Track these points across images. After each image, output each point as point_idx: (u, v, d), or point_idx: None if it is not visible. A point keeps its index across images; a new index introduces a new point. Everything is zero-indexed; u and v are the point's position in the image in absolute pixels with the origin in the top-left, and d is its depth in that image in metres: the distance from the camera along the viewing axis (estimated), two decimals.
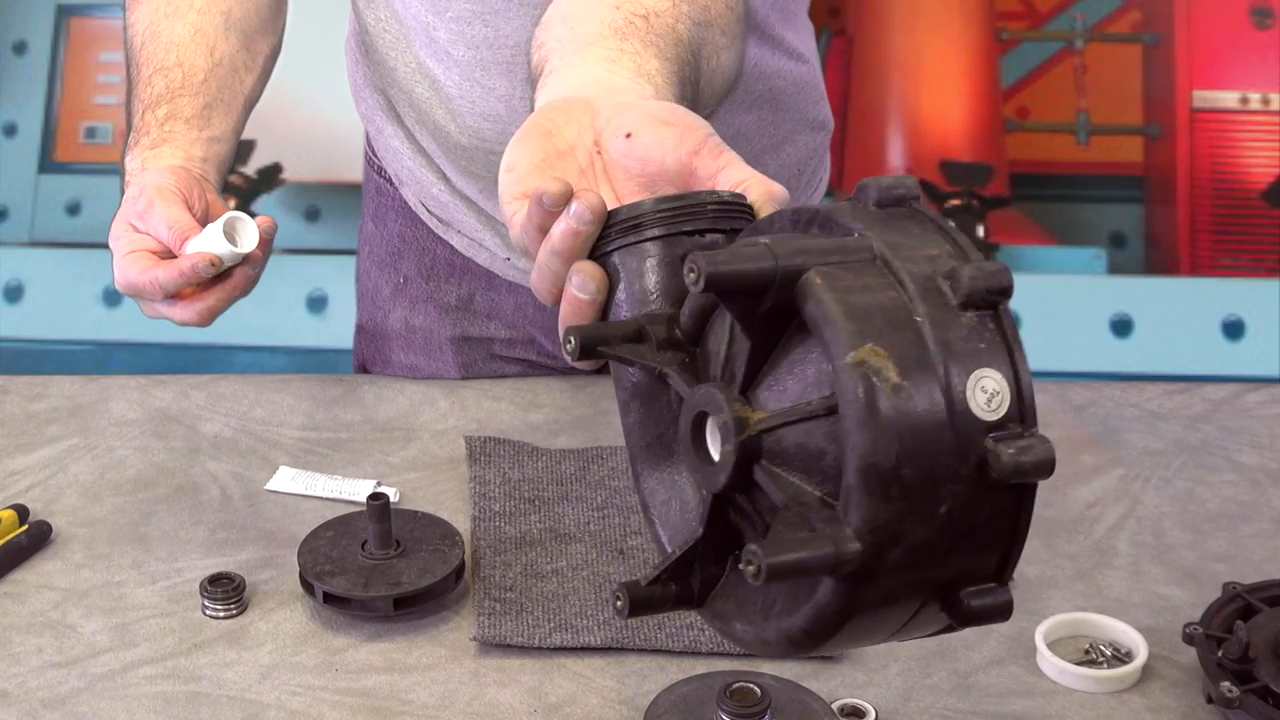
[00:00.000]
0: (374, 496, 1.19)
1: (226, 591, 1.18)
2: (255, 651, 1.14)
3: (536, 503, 1.30)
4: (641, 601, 0.77)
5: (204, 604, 1.18)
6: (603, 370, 1.66)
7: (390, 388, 1.50)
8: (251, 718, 1.08)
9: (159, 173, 1.22)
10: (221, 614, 1.18)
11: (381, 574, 1.17)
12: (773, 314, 0.73)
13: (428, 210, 1.54)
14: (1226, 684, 1.04)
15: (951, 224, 0.75)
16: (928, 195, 3.30)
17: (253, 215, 1.18)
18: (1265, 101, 3.32)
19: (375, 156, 1.59)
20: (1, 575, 1.22)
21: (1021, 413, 0.71)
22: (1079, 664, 1.13)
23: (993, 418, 0.71)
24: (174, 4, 1.31)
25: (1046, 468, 0.70)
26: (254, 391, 1.48)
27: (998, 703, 1.10)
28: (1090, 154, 3.41)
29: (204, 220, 1.21)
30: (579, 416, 1.45)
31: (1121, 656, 1.14)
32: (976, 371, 0.71)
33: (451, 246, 1.54)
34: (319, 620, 1.18)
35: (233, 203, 3.25)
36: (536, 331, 1.57)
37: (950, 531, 0.71)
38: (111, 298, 3.21)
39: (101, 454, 1.38)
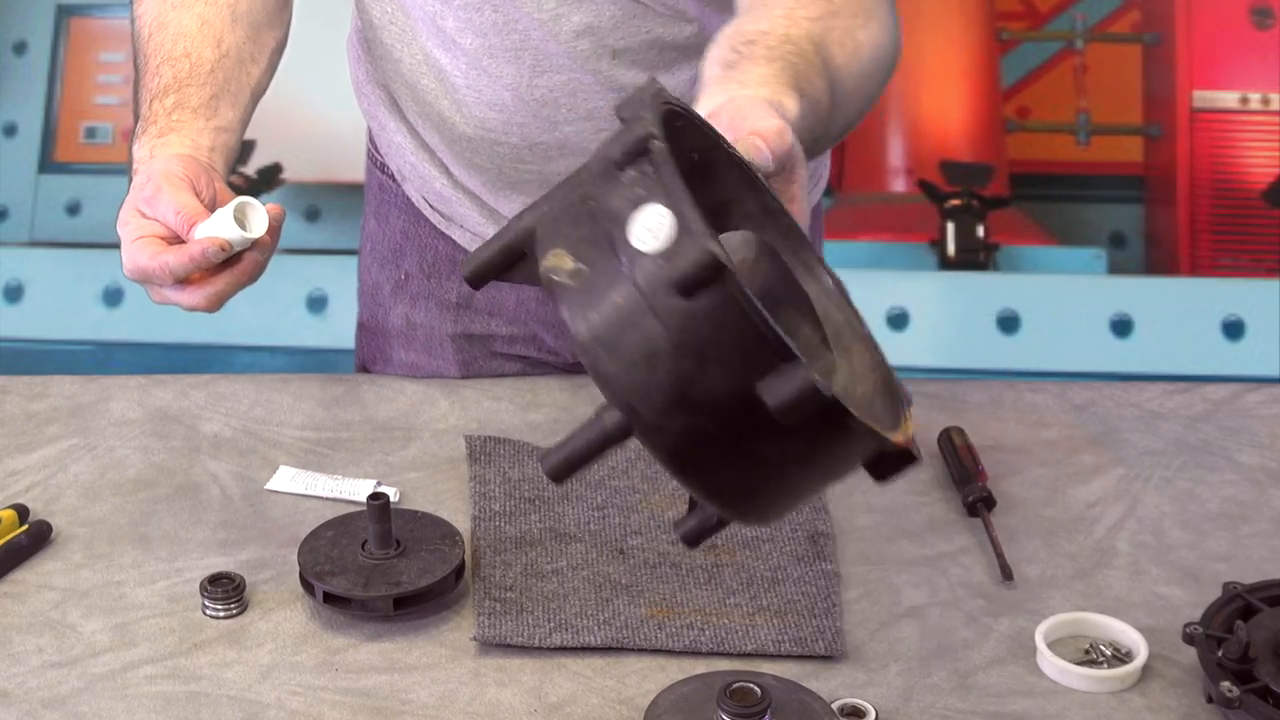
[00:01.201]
0: (374, 496, 1.19)
1: (226, 591, 1.18)
2: (255, 651, 1.14)
3: (536, 502, 1.30)
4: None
5: (204, 604, 1.18)
6: None
7: (390, 388, 1.50)
8: (251, 717, 1.08)
9: (166, 160, 1.22)
10: (221, 614, 1.18)
11: (381, 574, 1.17)
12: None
13: (430, 206, 1.54)
14: (1226, 684, 1.04)
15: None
16: (928, 195, 3.30)
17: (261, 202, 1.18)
18: (1265, 101, 3.32)
19: (378, 153, 1.59)
20: (1, 575, 1.22)
21: (688, 228, 0.77)
22: (1079, 664, 1.13)
23: (658, 245, 0.78)
24: None
25: (708, 263, 0.76)
26: (254, 391, 1.48)
27: (998, 703, 1.10)
28: (1090, 154, 3.41)
29: (212, 206, 1.21)
30: (579, 416, 1.43)
31: (1121, 656, 1.14)
32: (633, 215, 0.79)
33: (454, 242, 1.55)
34: (319, 620, 1.18)
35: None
36: (538, 326, 1.57)
37: (688, 353, 0.79)
38: (111, 298, 3.21)
39: (102, 454, 1.38)
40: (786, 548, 1.25)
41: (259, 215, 1.18)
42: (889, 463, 0.88)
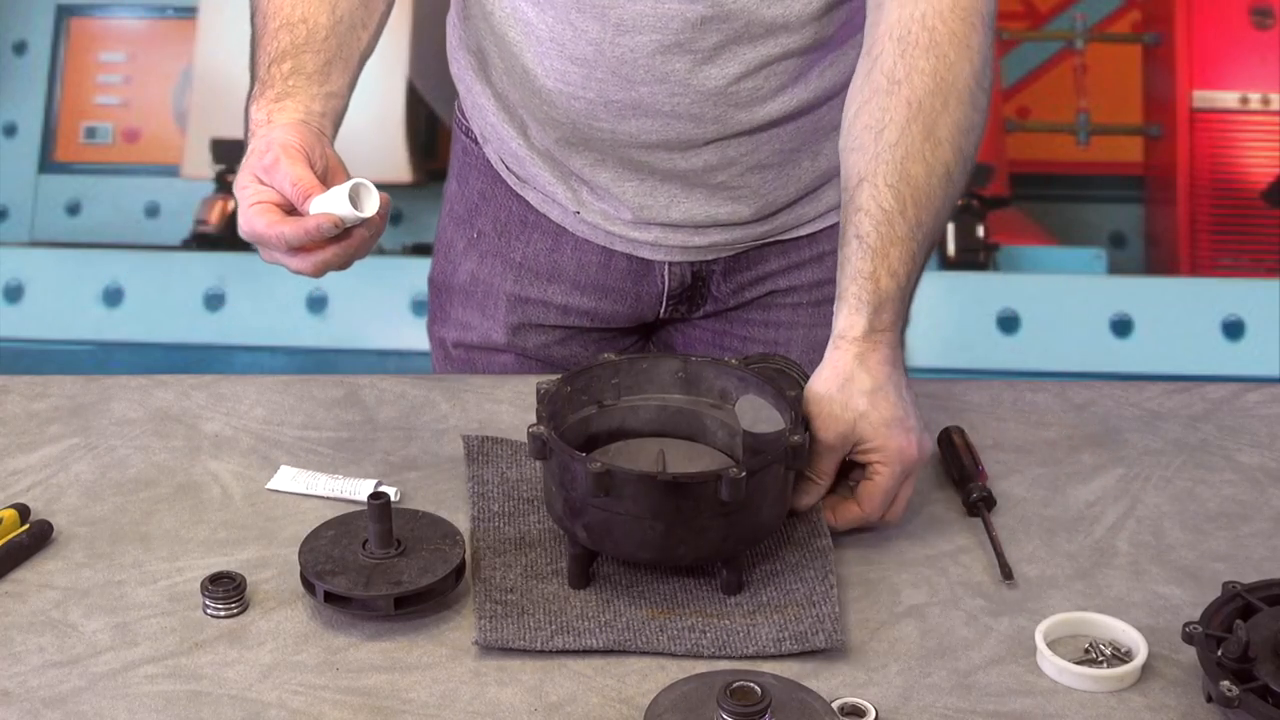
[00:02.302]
0: (374, 496, 1.19)
1: (227, 591, 1.18)
2: (256, 651, 1.15)
3: (535, 503, 1.30)
4: None
5: (205, 603, 1.18)
6: None
7: (391, 388, 1.50)
8: (252, 717, 1.08)
9: (285, 129, 1.29)
10: (222, 613, 1.18)
11: (382, 573, 1.17)
12: None
13: (507, 167, 1.60)
14: (1226, 683, 1.04)
15: None
16: None
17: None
18: (1265, 101, 3.33)
19: (463, 118, 1.65)
20: (3, 574, 1.22)
21: None
22: (1079, 663, 1.13)
23: None
24: None
25: None
26: (255, 391, 1.48)
27: (998, 702, 1.10)
28: (1090, 154, 3.42)
29: (324, 176, 1.27)
30: None
31: (1121, 656, 1.14)
32: None
33: (526, 202, 1.60)
34: (320, 619, 1.18)
35: (232, 203, 3.25)
36: (595, 292, 1.61)
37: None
38: (111, 298, 3.21)
39: (103, 453, 1.38)
40: (782, 532, 1.25)
41: (372, 197, 1.24)
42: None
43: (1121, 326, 3.11)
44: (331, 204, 1.23)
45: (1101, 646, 1.14)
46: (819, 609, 1.17)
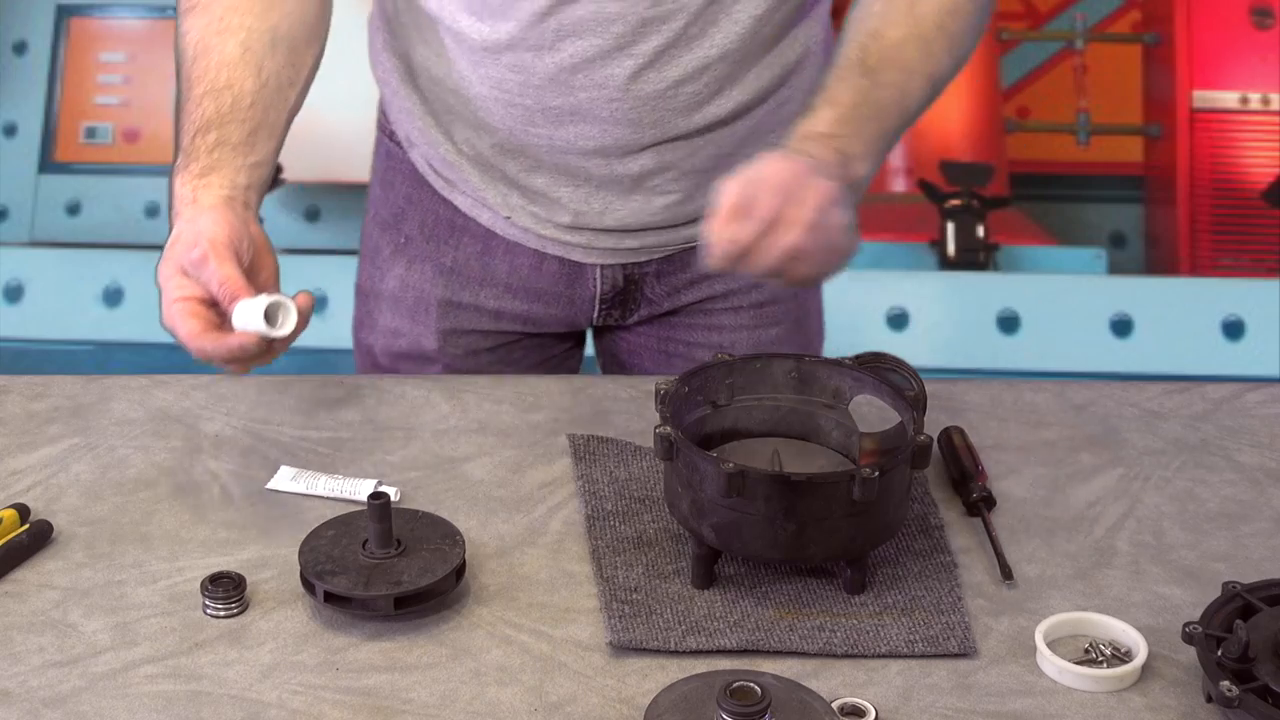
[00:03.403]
0: (375, 495, 1.19)
1: (227, 591, 1.18)
2: (256, 651, 1.15)
3: (647, 502, 1.31)
4: None
5: (205, 603, 1.18)
6: (607, 370, 1.67)
7: (391, 389, 1.50)
8: (252, 717, 1.08)
9: (212, 215, 1.27)
10: (222, 613, 1.18)
11: (382, 573, 1.17)
12: None
13: (435, 171, 1.58)
14: (1226, 683, 1.04)
15: None
16: (928, 195, 3.30)
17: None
18: (1265, 101, 3.33)
19: (388, 121, 1.63)
20: (3, 574, 1.22)
21: None
22: (1079, 663, 1.13)
23: None
24: (225, 20, 1.35)
25: None
26: (255, 391, 1.48)
27: (998, 702, 1.10)
28: (1090, 154, 3.42)
29: (252, 265, 1.27)
30: (579, 416, 1.45)
31: (1121, 656, 1.14)
32: None
33: (455, 207, 1.58)
34: (320, 619, 1.18)
35: None
36: (527, 295, 1.60)
37: None
38: (111, 298, 3.21)
39: (103, 453, 1.38)
40: (902, 543, 1.25)
41: (290, 315, 1.24)
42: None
43: (1121, 326, 3.11)
44: (251, 318, 1.23)
45: (1101, 646, 1.14)
46: (948, 616, 1.17)
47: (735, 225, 1.23)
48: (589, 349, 1.72)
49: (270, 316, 1.23)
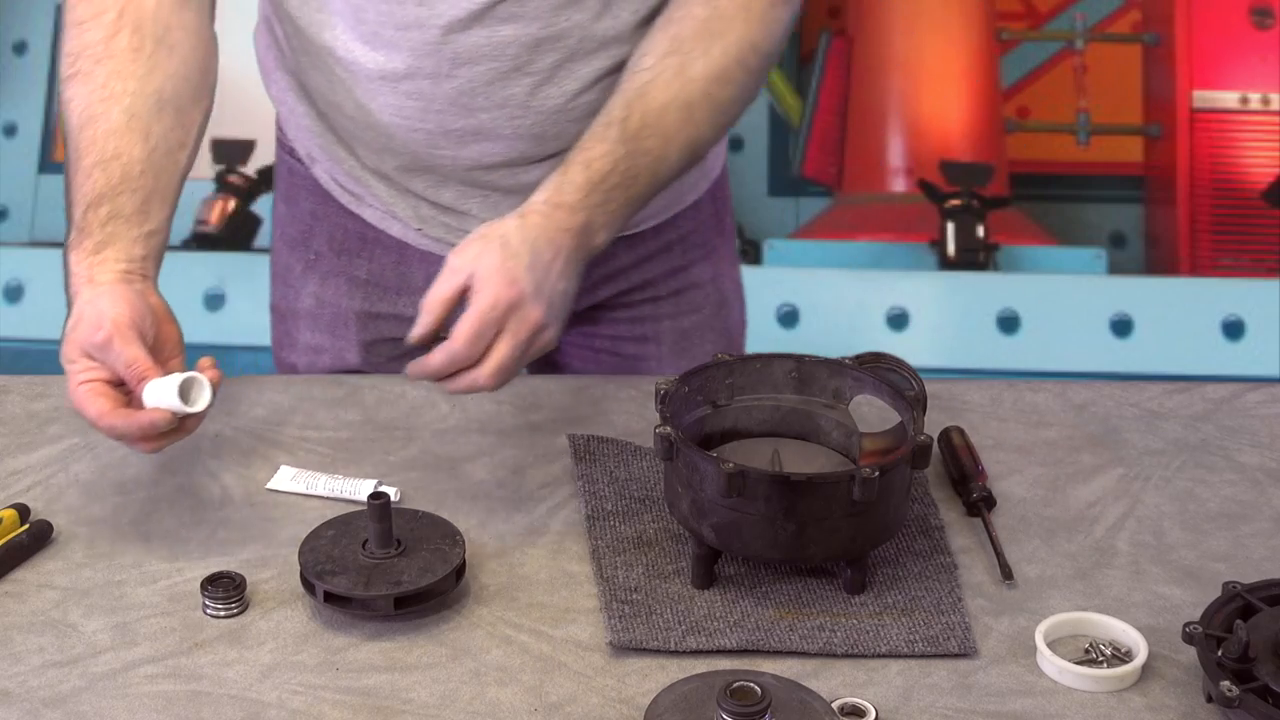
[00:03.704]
0: (374, 495, 1.19)
1: (227, 591, 1.18)
2: (256, 651, 1.15)
3: (647, 502, 1.31)
4: None
5: (204, 603, 1.18)
6: (604, 371, 1.67)
7: (391, 389, 1.50)
8: (252, 717, 1.08)
9: (111, 294, 1.25)
10: (222, 613, 1.18)
11: (382, 573, 1.17)
12: None
13: (339, 185, 1.57)
14: (1226, 683, 1.04)
15: None
16: (928, 195, 3.30)
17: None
18: (1265, 101, 3.32)
19: (286, 139, 1.62)
20: (3, 574, 1.22)
21: None
22: (1079, 663, 1.13)
23: None
24: (108, 86, 1.32)
25: None
26: (254, 391, 1.48)
27: (998, 702, 1.10)
28: (1090, 154, 3.41)
29: (155, 341, 1.25)
30: (579, 416, 1.45)
31: (1121, 656, 1.14)
32: None
33: (363, 220, 1.57)
34: (319, 619, 1.18)
35: (231, 202, 3.25)
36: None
37: None
38: None
39: (103, 453, 1.38)
40: (902, 543, 1.26)
41: (204, 392, 1.22)
42: None
43: (1121, 326, 3.11)
44: (164, 397, 1.21)
45: (1101, 646, 1.14)
46: (949, 617, 1.17)
47: (442, 356, 1.24)
48: None
49: (184, 393, 1.21)
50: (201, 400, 1.22)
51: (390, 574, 1.17)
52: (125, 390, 1.23)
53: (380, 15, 1.38)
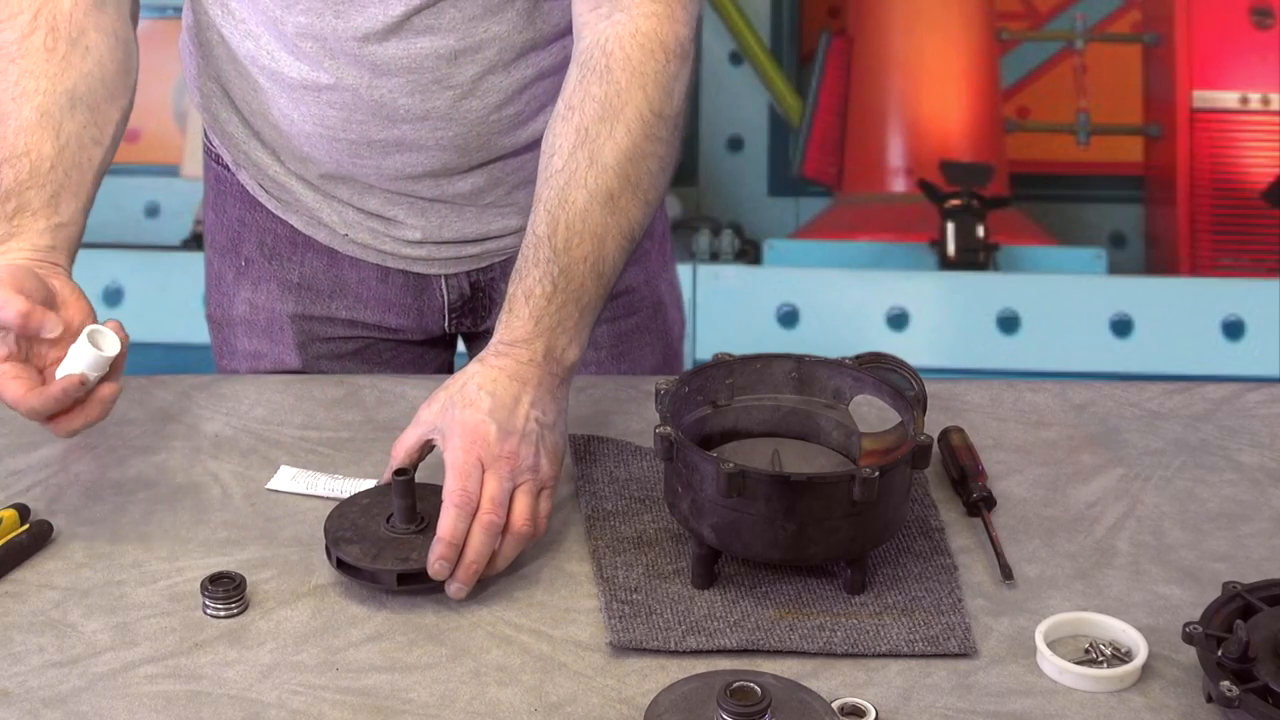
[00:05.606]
0: (399, 472, 1.20)
1: (227, 591, 1.18)
2: (256, 650, 1.15)
3: (647, 502, 1.31)
4: None
5: (205, 603, 1.18)
6: (602, 370, 1.67)
7: (391, 388, 1.50)
8: (252, 717, 1.08)
9: (4, 274, 1.23)
10: (222, 613, 1.18)
11: (395, 548, 1.18)
12: None
13: (266, 192, 1.58)
14: (1226, 683, 1.04)
15: None
16: (928, 195, 3.30)
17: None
18: (1265, 101, 3.33)
19: (213, 145, 1.62)
20: (3, 574, 1.22)
21: None
22: (1079, 663, 1.13)
23: None
24: (20, 84, 1.33)
25: None
26: (255, 391, 1.48)
27: (998, 702, 1.10)
28: (1090, 154, 3.42)
29: (45, 301, 1.23)
30: (579, 416, 1.45)
31: (1121, 656, 1.14)
32: None
33: (291, 225, 1.58)
34: (320, 619, 1.18)
35: None
36: (380, 307, 1.60)
37: None
38: (111, 297, 3.20)
39: (103, 453, 1.38)
40: (902, 543, 1.26)
41: (109, 338, 1.22)
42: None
43: (1121, 326, 3.11)
44: (73, 362, 1.21)
45: (1101, 646, 1.14)
46: (949, 617, 1.17)
47: (443, 549, 1.18)
48: (461, 344, 1.71)
49: (94, 343, 1.21)
50: (110, 344, 1.21)
51: (401, 550, 1.18)
52: (39, 374, 1.22)
53: (299, 27, 1.39)
